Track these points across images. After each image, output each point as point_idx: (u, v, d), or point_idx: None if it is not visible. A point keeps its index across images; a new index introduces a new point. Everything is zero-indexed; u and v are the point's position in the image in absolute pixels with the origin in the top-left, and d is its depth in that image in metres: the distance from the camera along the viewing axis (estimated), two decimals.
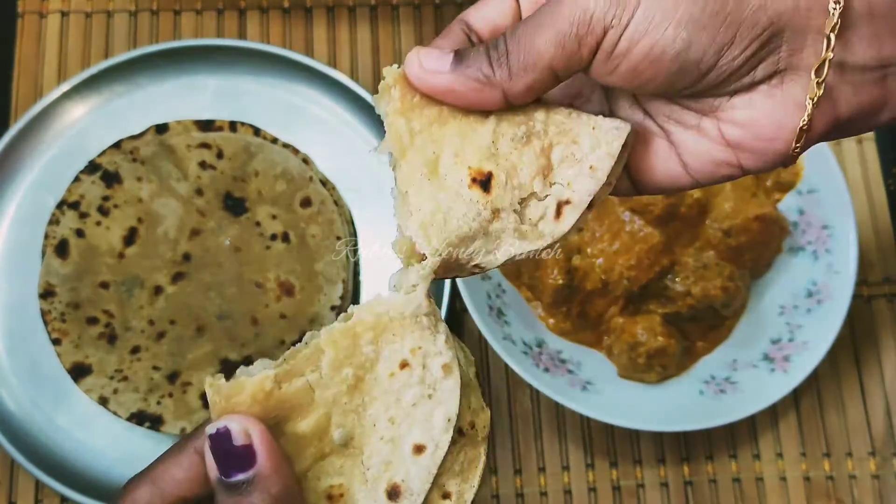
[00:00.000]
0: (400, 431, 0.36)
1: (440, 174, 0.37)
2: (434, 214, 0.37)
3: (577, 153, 0.38)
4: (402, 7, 0.82)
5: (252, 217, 0.71)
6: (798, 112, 0.37)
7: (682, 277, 0.68)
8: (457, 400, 0.37)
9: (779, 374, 0.68)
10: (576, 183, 0.38)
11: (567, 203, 0.38)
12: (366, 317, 0.37)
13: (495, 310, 0.69)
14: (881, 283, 0.78)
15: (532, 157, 0.38)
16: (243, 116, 0.75)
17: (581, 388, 0.68)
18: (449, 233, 0.37)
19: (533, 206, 0.38)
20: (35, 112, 0.73)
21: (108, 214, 0.70)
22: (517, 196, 0.38)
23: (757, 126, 0.37)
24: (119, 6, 0.81)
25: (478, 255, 0.38)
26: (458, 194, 0.37)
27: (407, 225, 0.37)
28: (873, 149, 0.81)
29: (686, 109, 0.39)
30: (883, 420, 0.74)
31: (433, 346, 0.37)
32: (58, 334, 0.67)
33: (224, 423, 0.35)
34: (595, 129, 0.38)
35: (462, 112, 0.38)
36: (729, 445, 0.73)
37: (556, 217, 0.38)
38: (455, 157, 0.37)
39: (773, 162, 0.39)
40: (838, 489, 0.72)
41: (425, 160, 0.37)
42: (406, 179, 0.37)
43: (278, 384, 0.36)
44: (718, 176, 0.40)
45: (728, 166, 0.39)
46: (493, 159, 0.37)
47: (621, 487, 0.71)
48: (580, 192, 0.38)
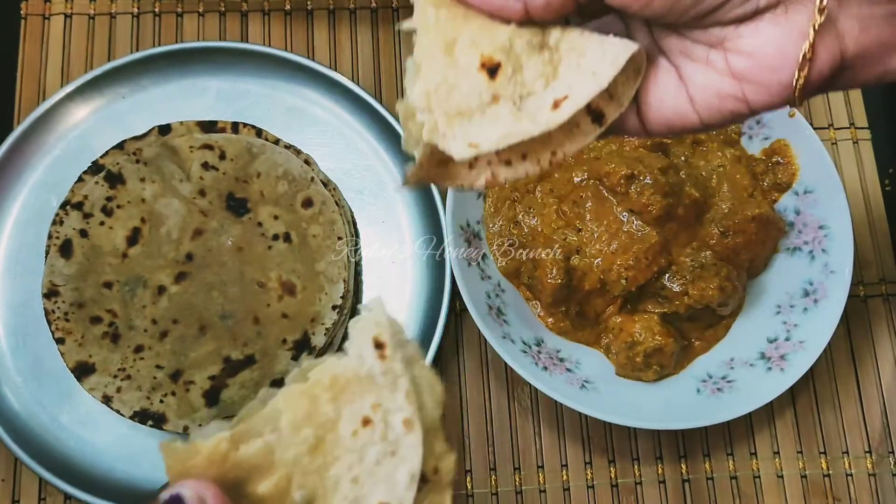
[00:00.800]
0: (363, 491, 0.36)
1: (454, 54, 0.39)
2: (439, 85, 0.39)
3: (582, 63, 0.40)
4: (402, 9, 0.83)
5: (254, 217, 0.71)
6: (802, 41, 0.38)
7: (679, 277, 0.68)
8: (419, 455, 0.36)
9: (775, 372, 0.69)
10: (576, 85, 0.39)
11: (565, 98, 0.39)
12: (322, 378, 0.36)
13: (494, 309, 0.69)
14: (877, 282, 0.78)
15: (540, 63, 0.40)
16: (245, 118, 0.76)
17: (579, 386, 0.68)
18: (449, 104, 0.39)
19: (531, 101, 0.40)
20: (38, 113, 0.74)
21: (111, 215, 0.70)
22: (518, 91, 0.40)
23: (761, 55, 0.38)
24: (122, 8, 0.81)
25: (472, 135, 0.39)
26: (466, 74, 0.39)
27: (412, 89, 0.39)
28: (870, 149, 0.82)
29: (696, 43, 0.40)
30: (879, 419, 0.74)
31: (393, 403, 0.36)
32: (61, 333, 0.68)
33: (177, 489, 0.33)
34: (603, 44, 0.40)
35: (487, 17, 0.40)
36: (726, 443, 0.73)
37: (553, 109, 0.39)
38: (471, 42, 0.39)
39: (779, 96, 0.39)
40: (835, 487, 0.73)
41: (444, 39, 0.39)
42: (422, 52, 0.39)
43: (235, 445, 0.35)
44: (725, 112, 0.41)
45: (734, 100, 0.40)
46: (505, 54, 0.39)
47: (619, 485, 0.72)
48: (579, 91, 0.39)
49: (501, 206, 0.73)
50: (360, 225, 0.75)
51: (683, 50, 0.41)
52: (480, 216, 0.73)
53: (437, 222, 0.73)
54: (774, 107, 0.40)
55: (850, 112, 0.83)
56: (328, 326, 0.68)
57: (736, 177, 0.73)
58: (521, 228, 0.72)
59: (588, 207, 0.69)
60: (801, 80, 0.38)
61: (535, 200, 0.72)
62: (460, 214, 0.71)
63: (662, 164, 0.69)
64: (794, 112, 0.73)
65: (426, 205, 0.75)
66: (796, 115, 0.73)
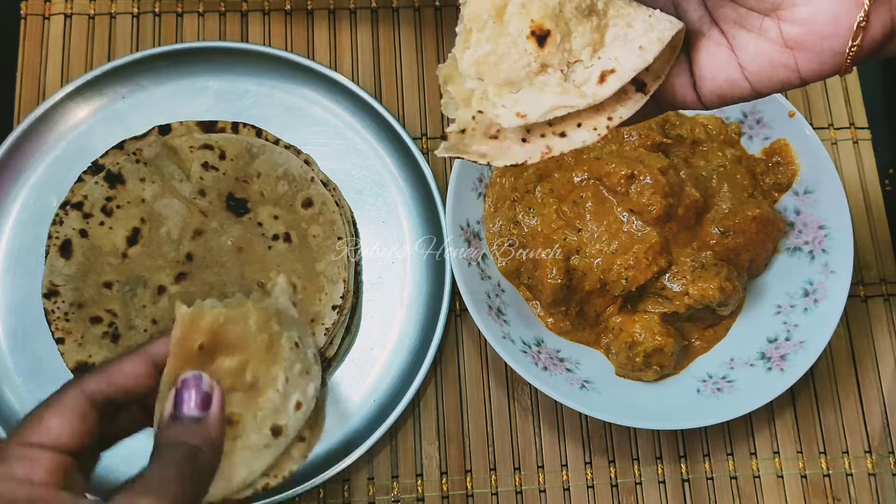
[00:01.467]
0: (289, 390, 0.47)
1: (504, 20, 0.40)
2: (489, 55, 0.40)
3: (629, 35, 0.41)
4: (402, 10, 0.83)
5: (254, 218, 0.71)
6: (856, 9, 0.38)
7: (679, 277, 0.68)
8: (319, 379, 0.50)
9: (775, 372, 0.69)
10: (622, 58, 0.40)
11: (611, 72, 0.40)
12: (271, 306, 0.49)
13: (494, 309, 0.69)
14: (877, 283, 0.78)
15: (588, 30, 0.41)
16: (245, 118, 0.76)
17: (579, 386, 0.68)
18: (498, 73, 0.40)
19: (578, 71, 0.41)
20: (38, 113, 0.74)
21: (111, 215, 0.70)
22: (566, 59, 0.40)
23: (815, 22, 0.39)
24: (122, 8, 0.81)
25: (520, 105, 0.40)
26: (515, 42, 0.40)
27: (462, 57, 0.40)
28: (870, 149, 0.82)
29: (750, 11, 0.41)
30: (879, 419, 0.74)
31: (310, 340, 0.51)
32: (61, 333, 0.68)
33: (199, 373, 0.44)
34: (651, 17, 0.41)
35: None
36: (726, 443, 0.73)
37: (600, 82, 0.40)
38: (521, 7, 0.40)
39: (830, 64, 0.40)
40: (835, 487, 0.73)
41: (493, 4, 0.40)
42: (472, 17, 0.40)
43: (227, 322, 0.46)
44: (776, 80, 0.41)
45: (785, 68, 0.41)
46: (554, 20, 0.40)
47: (619, 485, 0.72)
48: (625, 65, 0.40)
49: (501, 206, 0.73)
50: (360, 225, 0.75)
51: (737, 19, 0.42)
52: (480, 216, 0.73)
53: (437, 222, 0.73)
54: (825, 75, 0.41)
55: (850, 112, 0.83)
56: (328, 326, 0.68)
57: (736, 177, 0.73)
58: (521, 228, 0.72)
59: (588, 207, 0.69)
60: (855, 48, 0.39)
61: (535, 200, 0.72)
62: (460, 214, 0.71)
63: (662, 164, 0.69)
64: (794, 112, 0.73)
65: (426, 205, 0.75)
66: (796, 115, 0.73)
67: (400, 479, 0.71)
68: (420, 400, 0.73)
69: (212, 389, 0.44)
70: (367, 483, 0.71)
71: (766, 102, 0.74)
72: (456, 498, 0.71)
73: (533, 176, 0.72)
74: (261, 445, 0.46)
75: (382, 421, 0.69)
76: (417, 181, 0.75)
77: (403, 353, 0.72)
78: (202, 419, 0.43)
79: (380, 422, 0.69)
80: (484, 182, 0.73)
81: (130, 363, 0.44)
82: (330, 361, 0.71)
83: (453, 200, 0.70)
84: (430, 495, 0.71)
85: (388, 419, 0.69)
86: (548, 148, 0.41)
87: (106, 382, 0.43)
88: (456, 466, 0.71)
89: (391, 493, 0.71)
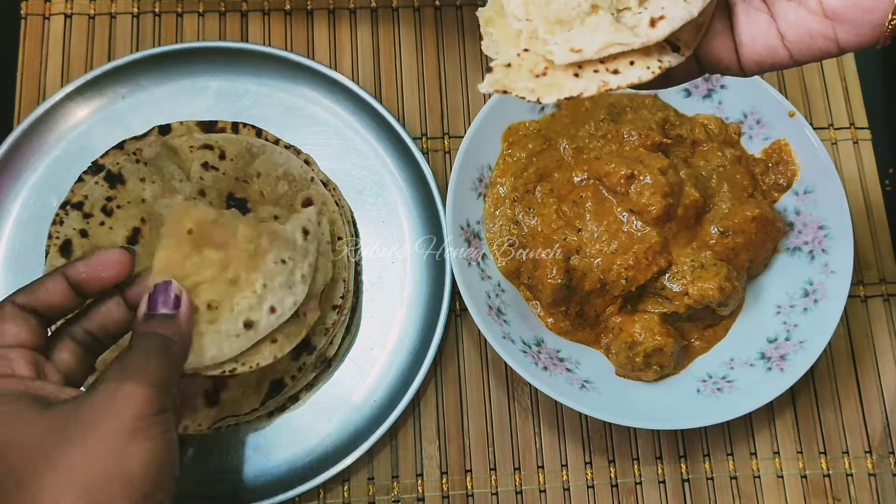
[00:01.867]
0: (266, 294, 0.55)
1: None
2: None
3: None
4: (402, 9, 0.83)
5: (254, 217, 0.71)
6: None
7: (679, 277, 0.68)
8: (303, 296, 0.57)
9: (775, 372, 0.69)
10: (669, 7, 0.41)
11: (661, 18, 0.41)
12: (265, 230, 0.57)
13: (494, 309, 0.70)
14: (877, 283, 0.78)
15: None
16: (245, 118, 0.76)
17: (579, 386, 0.68)
18: (548, 12, 0.40)
19: (627, 17, 0.41)
20: (38, 113, 0.74)
21: (111, 215, 0.70)
22: (614, 5, 0.41)
23: None
24: (122, 8, 0.82)
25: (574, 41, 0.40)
26: None
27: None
28: (870, 149, 0.82)
29: None
30: (879, 419, 0.75)
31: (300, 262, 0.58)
32: None
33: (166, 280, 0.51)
34: None
35: None
36: (726, 443, 0.73)
37: (650, 27, 0.41)
38: None
39: (869, 36, 0.41)
40: (835, 487, 0.73)
41: None
42: None
43: (215, 223, 0.53)
44: (815, 49, 0.42)
45: (824, 38, 0.41)
46: None
47: (619, 485, 0.72)
48: (672, 14, 0.41)
49: (501, 206, 0.73)
50: (360, 225, 0.75)
51: None
52: (480, 216, 0.73)
53: (437, 222, 0.73)
54: (862, 46, 0.41)
55: (850, 112, 0.83)
56: (328, 326, 0.68)
57: (736, 177, 0.73)
58: (521, 228, 0.72)
59: (588, 207, 0.69)
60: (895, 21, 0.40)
61: (535, 200, 0.72)
62: (460, 214, 0.71)
63: (662, 164, 0.69)
64: (794, 112, 0.73)
65: (426, 205, 0.75)
66: (796, 115, 0.73)
67: (400, 479, 0.71)
68: (420, 400, 0.73)
69: (181, 293, 0.51)
70: (367, 483, 0.71)
71: (766, 102, 0.75)
72: (456, 498, 0.71)
73: (533, 176, 0.72)
74: (232, 334, 0.53)
75: (382, 421, 0.69)
76: (417, 181, 0.75)
77: (403, 353, 0.72)
78: (174, 315, 0.50)
79: (380, 422, 0.69)
80: (484, 182, 0.74)
81: (51, 281, 0.50)
82: (330, 361, 0.71)
83: (453, 200, 0.70)
84: (431, 495, 0.71)
85: (388, 419, 0.69)
86: (604, 82, 0.40)
87: (31, 296, 0.49)
88: (456, 466, 0.71)
89: (391, 492, 0.71)
